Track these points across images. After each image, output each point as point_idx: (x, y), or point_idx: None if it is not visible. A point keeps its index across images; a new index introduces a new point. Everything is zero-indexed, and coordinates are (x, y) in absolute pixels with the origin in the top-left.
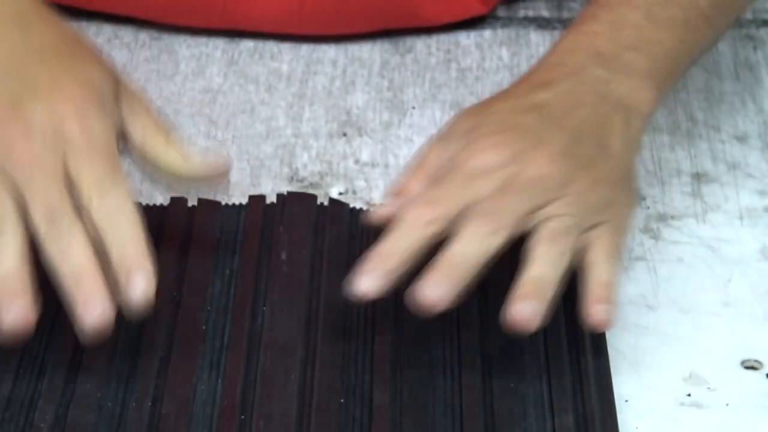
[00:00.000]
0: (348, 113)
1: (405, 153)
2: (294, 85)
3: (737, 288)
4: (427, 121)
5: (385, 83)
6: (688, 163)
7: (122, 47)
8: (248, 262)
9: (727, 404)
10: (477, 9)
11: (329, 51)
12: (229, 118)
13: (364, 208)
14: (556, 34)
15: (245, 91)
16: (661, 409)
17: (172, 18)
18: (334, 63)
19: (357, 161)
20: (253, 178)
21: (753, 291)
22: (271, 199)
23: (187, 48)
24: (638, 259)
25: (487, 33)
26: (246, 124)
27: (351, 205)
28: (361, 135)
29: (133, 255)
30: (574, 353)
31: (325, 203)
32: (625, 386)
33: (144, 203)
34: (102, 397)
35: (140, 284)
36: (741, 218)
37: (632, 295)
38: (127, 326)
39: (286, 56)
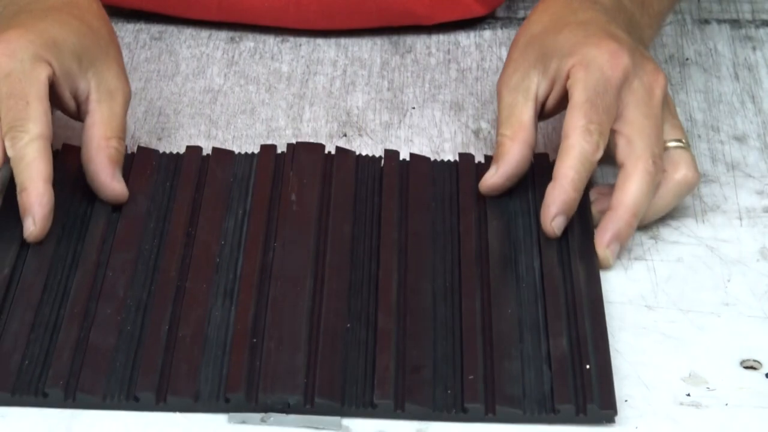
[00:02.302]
0: (348, 113)
1: (405, 153)
2: (294, 86)
3: (736, 288)
4: (427, 121)
5: (385, 84)
6: None
7: (123, 47)
8: (260, 202)
9: (726, 404)
10: (475, 10)
11: (329, 51)
12: (229, 118)
13: (370, 155)
14: None
15: (245, 92)
16: (660, 408)
17: (171, 10)
18: (334, 63)
19: None
20: None
21: (752, 291)
22: (282, 149)
23: (187, 48)
24: (638, 259)
25: (487, 33)
26: (246, 124)
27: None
28: (361, 135)
29: (26, 202)
30: (568, 281)
31: (333, 152)
32: (625, 386)
33: (161, 151)
34: (122, 321)
35: (28, 226)
36: (740, 218)
37: (632, 295)
38: (145, 256)
39: (287, 56)
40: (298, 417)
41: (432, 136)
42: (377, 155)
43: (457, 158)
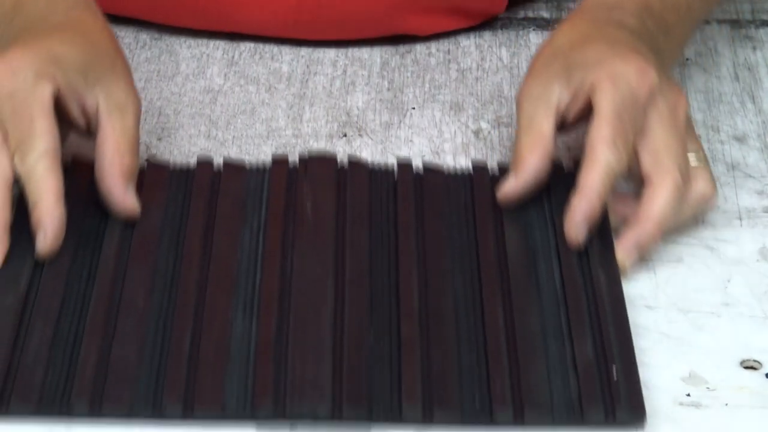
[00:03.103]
0: (348, 114)
1: (405, 153)
2: (294, 86)
3: (736, 288)
4: (427, 121)
5: (385, 84)
6: None
7: (123, 48)
8: (275, 215)
9: (726, 404)
10: (466, 23)
11: (329, 51)
12: (229, 118)
13: (384, 162)
14: None
15: (245, 92)
16: (660, 408)
17: (172, 20)
18: (334, 63)
19: None
20: None
21: (752, 291)
22: (282, 150)
23: (187, 48)
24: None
25: (487, 34)
26: (246, 124)
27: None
28: (361, 135)
29: (37, 217)
30: (589, 287)
31: (345, 163)
32: None
33: (172, 166)
34: (143, 335)
35: (39, 242)
36: (740, 219)
37: (632, 295)
38: (162, 269)
39: (287, 57)
40: (327, 427)
41: (432, 136)
42: (389, 162)
43: (470, 166)
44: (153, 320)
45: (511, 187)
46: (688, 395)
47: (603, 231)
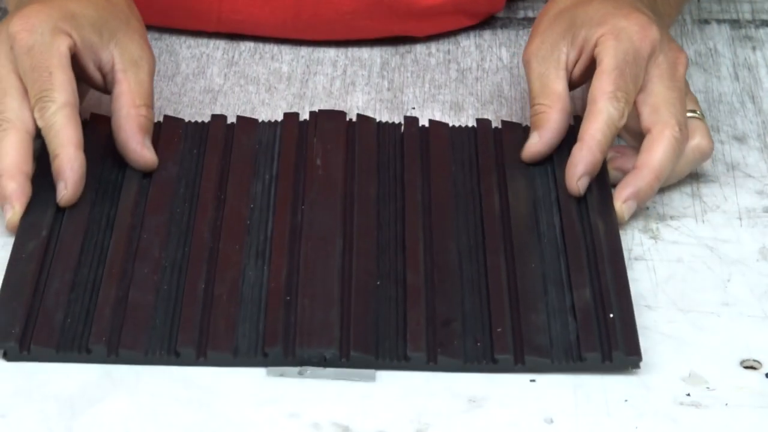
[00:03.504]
0: (348, 113)
1: None
2: (294, 86)
3: (736, 288)
4: (427, 121)
5: (385, 83)
6: None
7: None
8: (287, 167)
9: (726, 404)
10: (466, 22)
11: (329, 51)
12: (229, 118)
13: (392, 121)
14: None
15: (245, 92)
16: (660, 408)
17: (170, 23)
18: (334, 63)
19: None
20: None
21: (752, 291)
22: (304, 116)
23: (187, 48)
24: (638, 259)
25: (487, 34)
26: None
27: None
28: None
29: (58, 167)
30: (588, 235)
31: (354, 119)
32: (625, 386)
33: (186, 120)
34: (158, 281)
35: (60, 191)
36: (740, 218)
37: (632, 295)
38: (177, 218)
39: (287, 56)
40: (334, 370)
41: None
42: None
43: (475, 124)
44: (168, 267)
45: (536, 146)
46: (688, 395)
47: (601, 183)
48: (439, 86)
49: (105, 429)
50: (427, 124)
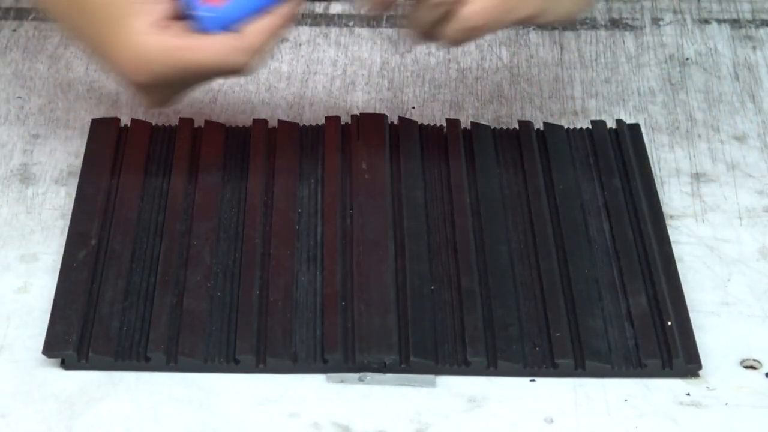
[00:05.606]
0: (348, 113)
1: None
2: (294, 85)
3: (736, 287)
4: (427, 121)
5: (385, 83)
6: (688, 163)
7: None
8: (332, 171)
9: (726, 404)
10: None
11: (329, 51)
12: (229, 118)
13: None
14: (556, 34)
15: (245, 91)
16: (660, 408)
17: None
18: (334, 63)
19: None
20: None
21: (752, 290)
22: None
23: None
24: None
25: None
26: (247, 124)
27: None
28: None
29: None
30: (639, 242)
31: (395, 122)
32: (625, 386)
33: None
34: (212, 288)
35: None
36: (740, 218)
37: None
38: (226, 224)
39: (287, 56)
40: (395, 376)
41: None
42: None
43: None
44: (220, 274)
45: None
46: (688, 395)
47: (649, 191)
48: (439, 86)
49: (105, 429)
50: (468, 126)
